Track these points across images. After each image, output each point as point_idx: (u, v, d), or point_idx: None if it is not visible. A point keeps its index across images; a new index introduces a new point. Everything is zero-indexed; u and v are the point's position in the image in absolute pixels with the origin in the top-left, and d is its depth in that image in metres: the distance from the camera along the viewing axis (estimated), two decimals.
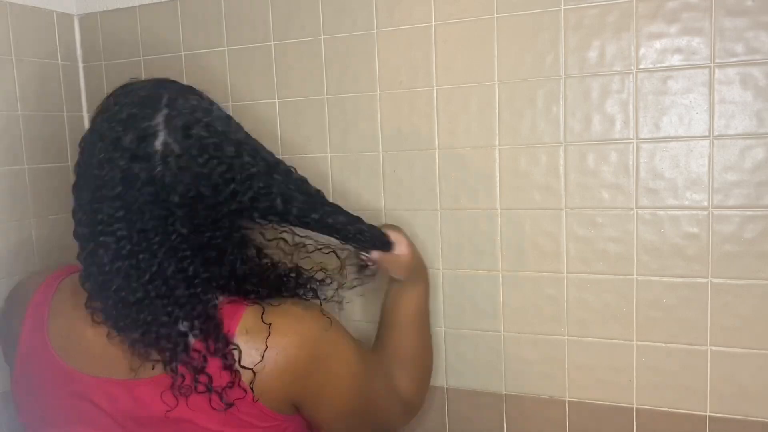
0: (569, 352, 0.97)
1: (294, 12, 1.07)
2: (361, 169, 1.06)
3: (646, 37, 0.89)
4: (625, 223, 0.92)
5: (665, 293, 0.91)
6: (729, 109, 0.86)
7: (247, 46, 1.11)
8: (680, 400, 0.92)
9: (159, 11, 1.17)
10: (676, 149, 0.89)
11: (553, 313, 0.97)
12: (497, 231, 0.99)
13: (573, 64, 0.92)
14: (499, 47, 0.96)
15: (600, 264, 0.94)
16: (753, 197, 0.86)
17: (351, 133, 1.06)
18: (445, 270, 1.03)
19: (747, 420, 0.89)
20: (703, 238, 0.89)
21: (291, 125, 1.10)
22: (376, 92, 1.04)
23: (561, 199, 0.95)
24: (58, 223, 1.17)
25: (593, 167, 0.93)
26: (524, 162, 0.96)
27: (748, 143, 0.86)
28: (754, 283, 0.87)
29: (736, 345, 0.89)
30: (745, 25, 0.84)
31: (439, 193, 1.02)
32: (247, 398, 0.70)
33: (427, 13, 0.99)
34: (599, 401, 0.96)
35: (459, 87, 0.99)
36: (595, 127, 0.92)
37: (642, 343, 0.93)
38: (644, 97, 0.90)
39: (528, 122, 0.95)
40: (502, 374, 1.02)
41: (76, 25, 1.24)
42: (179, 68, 1.16)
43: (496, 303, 1.01)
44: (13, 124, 1.10)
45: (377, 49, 1.03)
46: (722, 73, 0.86)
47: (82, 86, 1.25)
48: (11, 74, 1.10)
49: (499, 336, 1.01)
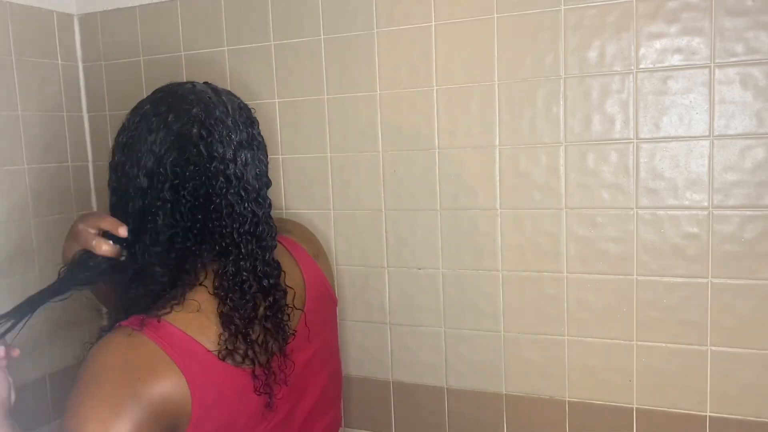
0: (569, 352, 0.97)
1: (294, 12, 1.07)
2: (361, 169, 1.06)
3: (646, 37, 0.89)
4: (625, 223, 0.92)
5: (665, 293, 0.91)
6: (729, 109, 0.86)
7: (247, 46, 1.11)
8: (680, 400, 0.92)
9: (159, 11, 1.17)
10: (676, 149, 0.89)
11: (553, 313, 0.97)
12: (497, 231, 0.99)
13: (573, 64, 0.92)
14: (499, 47, 0.96)
15: (600, 264, 0.94)
16: (753, 197, 0.86)
17: (351, 133, 1.06)
18: (445, 270, 1.03)
19: (747, 420, 0.89)
20: (703, 238, 0.89)
21: (291, 125, 1.10)
22: (376, 92, 1.04)
23: (561, 199, 0.95)
24: (58, 223, 1.17)
25: (593, 167, 0.93)
26: (524, 162, 0.96)
27: (748, 143, 0.86)
28: (753, 283, 0.87)
29: (736, 345, 0.89)
30: (745, 25, 0.84)
31: (439, 193, 1.02)
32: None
33: (427, 13, 0.99)
34: (599, 401, 0.96)
35: (459, 87, 0.99)
36: (595, 127, 0.92)
37: (642, 343, 0.93)
38: (644, 97, 0.90)
39: (528, 122, 0.95)
40: (502, 374, 1.02)
41: (76, 25, 1.24)
42: (179, 68, 1.16)
43: (496, 303, 1.01)
44: (13, 124, 1.10)
45: (377, 49, 1.03)
46: (722, 73, 0.86)
47: (82, 86, 1.25)
48: (11, 74, 1.10)
49: (499, 336, 1.01)
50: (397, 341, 1.08)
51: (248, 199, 0.75)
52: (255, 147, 0.77)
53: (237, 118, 0.76)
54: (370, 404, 1.11)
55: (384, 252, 1.07)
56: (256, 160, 0.77)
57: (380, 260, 1.07)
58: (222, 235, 0.73)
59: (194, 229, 0.73)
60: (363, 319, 1.09)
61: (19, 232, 1.11)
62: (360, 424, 1.13)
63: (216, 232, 0.73)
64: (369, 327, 1.09)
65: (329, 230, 1.10)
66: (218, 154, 0.73)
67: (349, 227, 1.08)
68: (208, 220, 0.73)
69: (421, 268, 1.05)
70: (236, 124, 0.75)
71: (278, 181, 1.12)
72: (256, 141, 0.78)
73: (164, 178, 0.72)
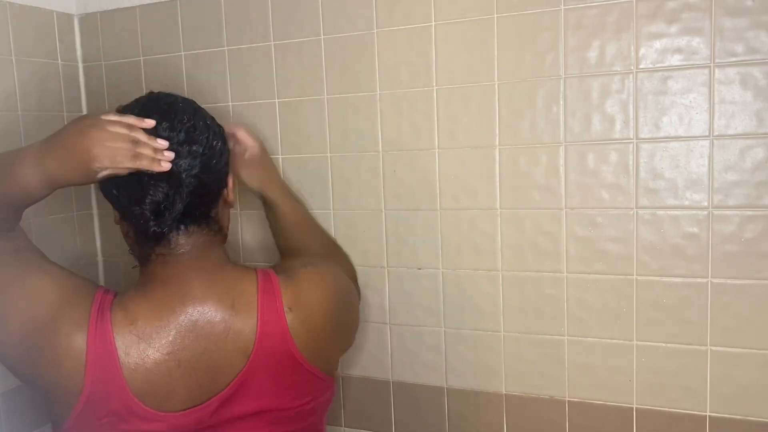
0: (569, 352, 0.97)
1: (294, 12, 1.07)
2: (361, 169, 1.06)
3: (646, 37, 0.89)
4: (625, 223, 0.92)
5: (665, 293, 0.91)
6: (729, 109, 0.86)
7: (247, 46, 1.11)
8: (680, 400, 0.92)
9: (159, 11, 1.17)
10: (676, 149, 0.89)
11: (553, 313, 0.97)
12: (497, 231, 0.99)
13: (573, 64, 0.92)
14: (499, 47, 0.96)
15: (600, 264, 0.94)
16: (753, 197, 0.86)
17: (351, 133, 1.06)
18: (445, 270, 1.03)
19: (747, 420, 0.89)
20: (703, 238, 0.89)
21: (291, 125, 1.10)
22: (376, 92, 1.04)
23: (561, 199, 0.95)
24: (58, 223, 1.18)
25: (593, 167, 0.93)
26: (524, 162, 0.96)
27: (748, 143, 0.86)
28: (753, 283, 0.87)
29: (736, 345, 0.89)
30: (745, 25, 0.84)
31: (439, 193, 1.02)
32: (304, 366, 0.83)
33: (427, 13, 0.99)
34: (599, 401, 0.96)
35: (459, 87, 0.99)
36: (595, 127, 0.92)
37: (642, 343, 0.93)
38: (644, 97, 0.90)
39: (528, 122, 0.95)
40: (502, 374, 1.02)
41: (76, 25, 1.24)
42: (179, 68, 1.16)
43: (496, 303, 1.01)
44: (13, 124, 1.10)
45: (377, 49, 1.03)
46: (722, 73, 0.86)
47: (82, 86, 1.25)
48: (11, 74, 1.10)
49: (499, 336, 1.01)
50: (397, 341, 1.08)
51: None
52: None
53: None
54: (369, 404, 1.11)
55: (384, 252, 1.07)
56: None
57: (380, 260, 1.07)
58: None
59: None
60: (363, 318, 1.09)
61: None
62: (360, 424, 1.13)
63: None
64: (369, 327, 1.09)
65: (329, 230, 1.10)
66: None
67: (349, 227, 1.09)
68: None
69: (421, 268, 1.05)
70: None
71: None
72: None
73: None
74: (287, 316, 0.82)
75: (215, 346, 0.79)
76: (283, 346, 0.81)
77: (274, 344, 0.81)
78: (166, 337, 0.78)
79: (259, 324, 0.80)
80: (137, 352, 0.77)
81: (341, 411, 1.14)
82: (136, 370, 0.77)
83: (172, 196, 0.77)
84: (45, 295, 0.79)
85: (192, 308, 0.80)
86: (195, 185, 0.79)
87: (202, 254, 0.82)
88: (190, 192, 0.79)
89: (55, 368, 0.77)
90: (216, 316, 0.80)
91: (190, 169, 0.79)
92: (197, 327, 0.79)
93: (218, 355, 0.79)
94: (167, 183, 0.77)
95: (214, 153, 0.82)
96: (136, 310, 0.79)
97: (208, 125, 0.83)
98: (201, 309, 0.80)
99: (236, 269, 0.85)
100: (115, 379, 0.76)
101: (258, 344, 0.80)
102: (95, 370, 0.76)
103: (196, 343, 0.79)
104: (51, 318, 0.77)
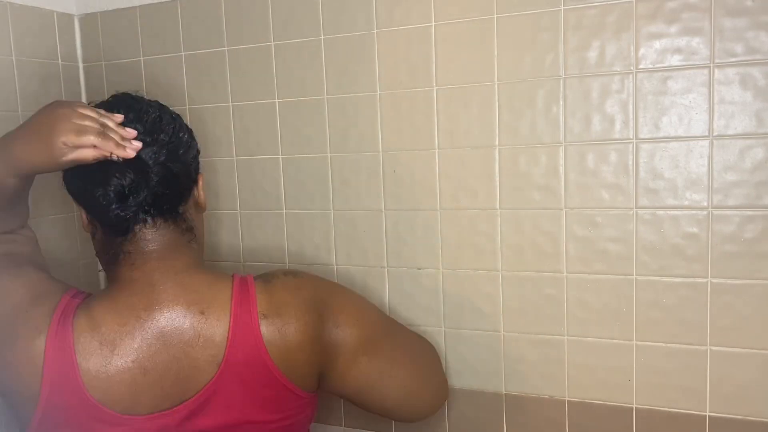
0: (569, 352, 0.97)
1: (294, 12, 1.07)
2: (361, 169, 1.06)
3: (646, 37, 0.89)
4: (625, 223, 0.92)
5: (665, 293, 0.91)
6: (729, 109, 0.86)
7: (247, 46, 1.11)
8: (680, 400, 0.92)
9: (159, 11, 1.17)
10: (676, 149, 0.89)
11: (553, 313, 0.97)
12: (497, 231, 0.99)
13: (573, 64, 0.92)
14: (499, 47, 0.96)
15: (600, 264, 0.94)
16: (753, 197, 0.86)
17: (351, 133, 1.06)
18: (445, 270, 1.03)
19: (747, 420, 0.89)
20: (703, 238, 0.89)
21: (291, 125, 1.10)
22: (376, 92, 1.04)
23: (561, 199, 0.95)
24: (58, 223, 1.18)
25: (593, 167, 0.93)
26: (524, 162, 0.96)
27: (747, 143, 0.86)
28: (753, 283, 0.87)
29: (736, 345, 0.89)
30: (745, 25, 0.84)
31: (439, 193, 1.02)
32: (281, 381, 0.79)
33: (427, 13, 0.99)
34: (599, 401, 0.97)
35: (459, 87, 0.99)
36: (595, 127, 0.92)
37: (642, 343, 0.93)
38: (644, 97, 0.90)
39: (528, 122, 0.96)
40: (502, 374, 1.02)
41: (76, 25, 1.24)
42: (179, 68, 1.16)
43: (495, 303, 1.01)
44: (13, 124, 1.10)
45: (377, 49, 1.03)
46: (722, 73, 0.86)
47: (82, 86, 1.25)
48: (11, 74, 1.10)
49: (498, 336, 1.01)
50: None
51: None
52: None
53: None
54: None
55: (384, 252, 1.07)
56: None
57: (380, 260, 1.07)
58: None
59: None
60: None
61: None
62: (360, 424, 1.13)
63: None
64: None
65: (329, 230, 1.10)
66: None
67: (349, 227, 1.09)
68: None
69: (421, 268, 1.05)
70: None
71: (278, 181, 1.12)
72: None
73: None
74: (261, 323, 0.78)
75: (183, 353, 0.76)
76: (257, 355, 0.77)
77: (247, 352, 0.77)
78: (130, 343, 0.75)
79: (231, 331, 0.77)
80: (99, 358, 0.74)
81: (341, 411, 1.14)
82: (97, 377, 0.74)
83: (138, 182, 0.75)
84: (10, 297, 0.77)
85: (159, 314, 0.76)
86: (162, 174, 0.77)
87: (172, 255, 0.79)
88: (157, 181, 0.76)
89: (13, 373, 0.75)
90: (184, 323, 0.77)
91: (157, 157, 0.77)
92: (164, 333, 0.76)
93: (187, 362, 0.76)
94: (133, 170, 0.75)
95: (181, 143, 0.80)
96: (100, 314, 0.76)
97: (173, 118, 0.82)
98: (168, 315, 0.77)
99: (209, 274, 0.82)
100: (73, 385, 0.74)
101: (229, 351, 0.77)
102: (52, 376, 0.73)
103: (163, 350, 0.76)
104: (11, 321, 0.75)
